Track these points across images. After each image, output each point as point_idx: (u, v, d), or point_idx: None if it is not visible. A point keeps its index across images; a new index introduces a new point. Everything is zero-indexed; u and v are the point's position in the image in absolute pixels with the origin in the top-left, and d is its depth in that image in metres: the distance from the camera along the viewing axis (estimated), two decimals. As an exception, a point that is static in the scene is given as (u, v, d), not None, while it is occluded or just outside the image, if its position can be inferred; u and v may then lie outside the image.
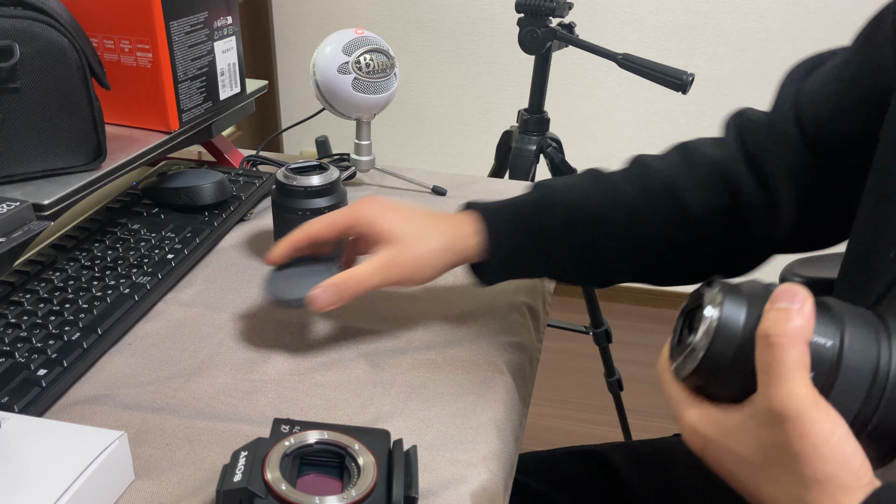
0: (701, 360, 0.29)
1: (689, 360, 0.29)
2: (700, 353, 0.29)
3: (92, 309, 0.48)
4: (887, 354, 0.27)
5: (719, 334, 0.28)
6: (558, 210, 0.48)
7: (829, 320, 0.28)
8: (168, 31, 0.57)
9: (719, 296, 0.29)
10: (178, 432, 0.41)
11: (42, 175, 0.51)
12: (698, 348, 0.29)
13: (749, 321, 0.28)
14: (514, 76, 1.67)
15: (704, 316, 0.29)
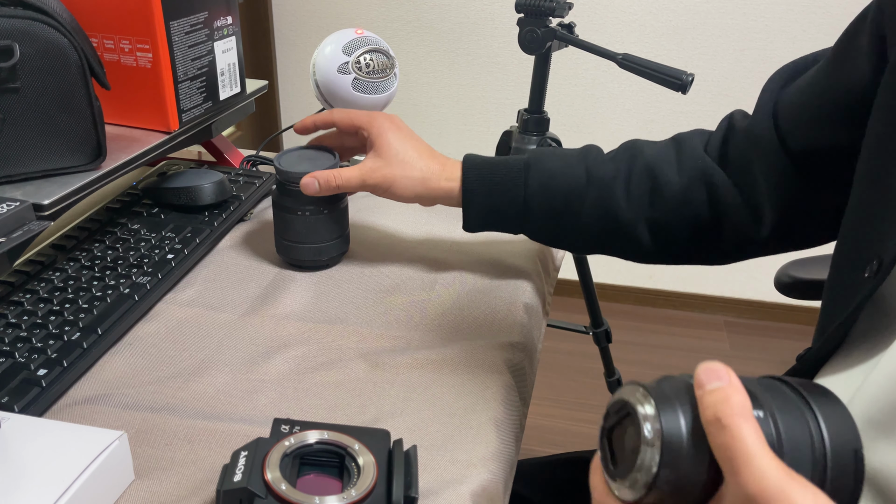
0: (655, 476, 0.26)
1: (638, 481, 0.27)
2: (652, 469, 0.26)
3: (92, 309, 0.48)
4: (815, 422, 0.26)
5: (667, 443, 0.26)
6: (538, 174, 0.51)
7: (749, 393, 0.27)
8: (168, 31, 0.57)
9: (648, 405, 0.27)
10: (178, 432, 0.41)
11: (42, 175, 0.51)
12: (646, 466, 0.26)
13: (690, 418, 0.27)
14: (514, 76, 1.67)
15: (644, 435, 0.27)
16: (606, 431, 0.29)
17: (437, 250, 0.61)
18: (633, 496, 0.27)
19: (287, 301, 0.54)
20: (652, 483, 0.26)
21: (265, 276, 0.57)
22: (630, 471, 0.27)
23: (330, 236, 0.56)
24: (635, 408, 0.27)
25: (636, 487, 0.27)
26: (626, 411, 0.28)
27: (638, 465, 0.27)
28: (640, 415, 0.27)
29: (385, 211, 0.67)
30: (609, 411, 0.29)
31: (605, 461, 0.29)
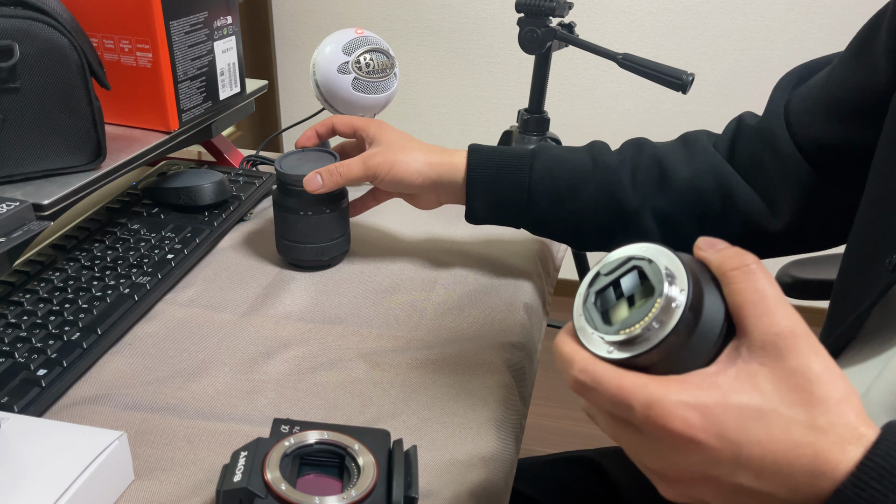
0: (665, 339, 0.25)
1: (639, 341, 0.26)
2: (663, 332, 0.25)
3: (92, 309, 0.48)
4: None
5: (695, 288, 0.26)
6: (543, 159, 0.51)
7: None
8: (168, 30, 0.57)
9: (664, 257, 0.27)
10: (177, 432, 0.41)
11: (42, 175, 0.51)
12: (656, 327, 0.25)
13: (705, 272, 0.27)
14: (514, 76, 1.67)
15: (668, 295, 0.26)
16: (610, 285, 0.28)
17: (437, 250, 0.61)
18: (636, 351, 0.26)
19: (287, 301, 0.54)
20: (659, 345, 0.26)
21: (265, 276, 0.57)
22: (627, 330, 0.26)
23: (331, 236, 0.56)
24: (653, 259, 0.27)
25: (634, 346, 0.26)
26: (632, 266, 0.28)
27: (645, 327, 0.26)
28: (659, 264, 0.27)
29: (385, 211, 0.67)
30: (603, 270, 0.29)
31: (592, 322, 0.28)
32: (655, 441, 0.26)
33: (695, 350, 0.26)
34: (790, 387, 0.25)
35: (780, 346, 0.25)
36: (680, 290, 0.26)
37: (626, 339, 0.26)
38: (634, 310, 0.27)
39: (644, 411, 0.25)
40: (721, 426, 0.25)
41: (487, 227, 0.67)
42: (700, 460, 0.25)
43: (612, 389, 0.26)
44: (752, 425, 0.25)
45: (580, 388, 0.27)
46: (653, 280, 0.27)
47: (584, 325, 0.28)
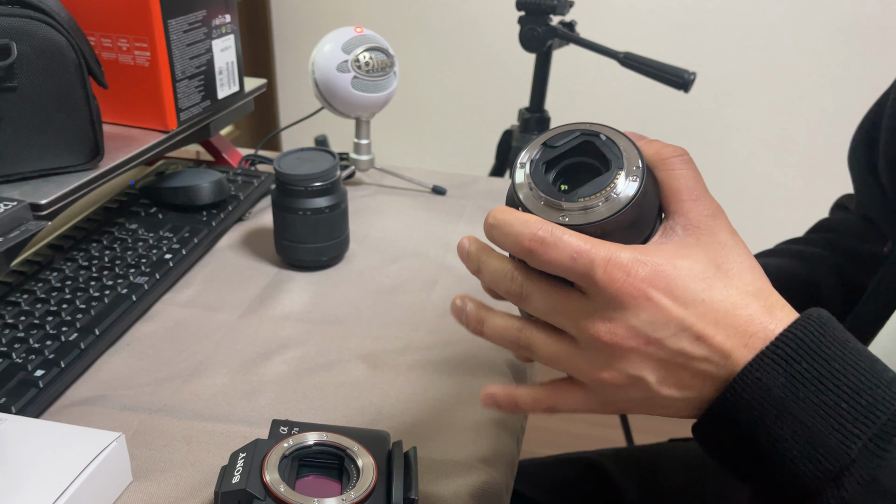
0: (622, 210, 0.27)
1: (597, 211, 0.27)
2: (619, 204, 0.27)
3: (89, 309, 0.48)
4: None
5: (646, 166, 0.28)
6: None
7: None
8: (166, 29, 0.56)
9: (617, 136, 0.28)
10: (176, 433, 0.41)
11: (39, 174, 0.51)
12: (615, 197, 0.27)
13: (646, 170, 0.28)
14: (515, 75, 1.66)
15: (627, 169, 0.27)
16: (548, 162, 0.29)
17: (438, 250, 0.61)
18: (591, 219, 0.27)
19: (286, 302, 0.54)
20: (615, 217, 0.27)
21: (264, 276, 0.57)
22: (595, 193, 0.27)
23: (330, 236, 0.56)
24: (605, 135, 0.28)
25: (601, 211, 0.27)
26: (582, 139, 0.29)
27: (605, 198, 0.27)
28: (612, 139, 0.28)
29: (385, 211, 0.67)
30: (551, 142, 0.29)
31: (542, 190, 0.28)
32: (606, 303, 0.27)
33: (639, 226, 0.28)
34: (724, 257, 0.28)
35: (712, 226, 0.28)
36: (635, 166, 0.28)
37: (584, 207, 0.27)
38: (589, 182, 0.28)
39: (604, 265, 0.26)
40: (670, 283, 0.27)
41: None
42: (648, 319, 0.27)
43: (574, 245, 0.26)
44: (697, 286, 0.27)
45: (538, 245, 0.27)
46: (608, 154, 0.28)
47: (533, 194, 0.28)
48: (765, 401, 0.26)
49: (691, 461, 0.58)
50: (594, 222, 0.27)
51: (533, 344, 0.29)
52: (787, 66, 1.47)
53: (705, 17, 1.53)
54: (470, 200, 0.70)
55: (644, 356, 0.27)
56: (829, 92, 1.47)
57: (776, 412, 0.26)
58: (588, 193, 0.27)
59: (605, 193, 0.27)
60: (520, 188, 0.29)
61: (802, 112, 1.50)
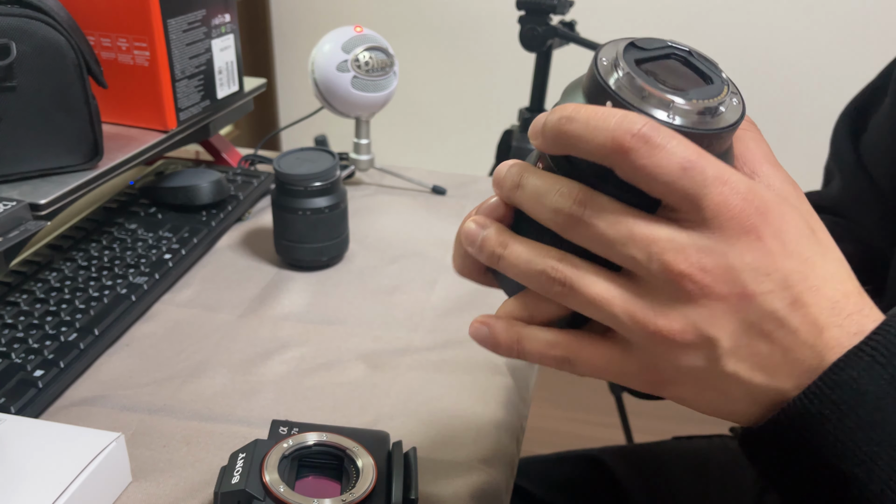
0: (733, 124, 0.23)
1: (712, 117, 0.22)
2: (733, 115, 0.23)
3: (89, 309, 0.48)
4: None
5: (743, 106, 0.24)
6: None
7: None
8: (165, 29, 0.56)
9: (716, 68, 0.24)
10: (175, 434, 0.41)
11: (38, 174, 0.51)
12: (734, 105, 0.23)
13: None
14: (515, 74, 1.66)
15: (730, 83, 0.24)
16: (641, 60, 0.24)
17: (438, 250, 0.61)
18: (703, 126, 0.22)
19: (286, 302, 0.53)
20: (740, 118, 0.23)
21: (264, 276, 0.57)
22: (712, 97, 0.23)
23: (330, 236, 0.56)
24: (694, 52, 0.24)
25: (716, 118, 0.22)
26: (671, 52, 0.24)
27: (726, 97, 0.23)
28: (704, 58, 0.24)
29: (385, 211, 0.67)
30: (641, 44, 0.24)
31: (644, 81, 0.23)
32: (709, 232, 0.21)
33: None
34: (815, 224, 0.23)
35: (797, 192, 0.24)
36: (735, 88, 0.24)
37: (699, 111, 0.22)
38: (695, 89, 0.23)
39: (719, 185, 0.21)
40: (782, 228, 0.22)
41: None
42: (753, 263, 0.21)
43: (687, 152, 0.21)
44: (804, 241, 0.22)
45: (641, 144, 0.21)
46: (707, 71, 0.24)
47: (629, 83, 0.22)
48: (859, 407, 0.21)
49: (696, 459, 0.58)
50: (711, 130, 0.22)
51: (572, 277, 0.23)
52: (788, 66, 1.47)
53: (705, 16, 1.53)
54: (470, 200, 0.70)
55: (730, 310, 0.21)
56: (831, 91, 1.47)
57: (870, 423, 0.21)
58: (704, 96, 0.23)
59: (719, 99, 0.23)
60: (607, 74, 0.23)
61: (804, 111, 1.50)
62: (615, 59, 0.23)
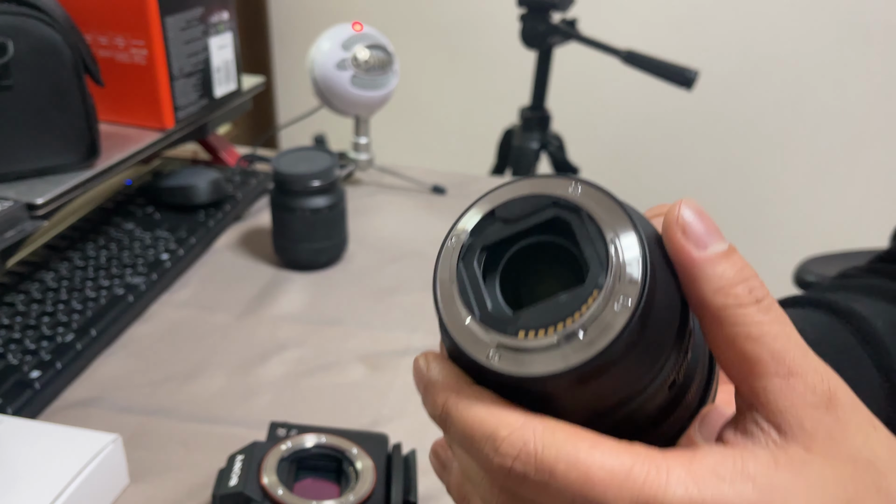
0: (609, 346, 0.15)
1: (537, 354, 0.16)
2: (608, 336, 0.15)
3: (86, 310, 0.47)
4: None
5: (654, 271, 0.16)
6: None
7: None
8: (163, 27, 0.56)
9: (610, 212, 0.16)
10: (173, 435, 0.41)
11: (35, 173, 0.50)
12: (601, 327, 0.15)
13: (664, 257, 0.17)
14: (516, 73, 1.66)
15: (587, 308, 0.16)
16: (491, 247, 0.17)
17: (437, 250, 0.61)
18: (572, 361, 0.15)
19: (284, 302, 0.53)
20: (599, 356, 0.15)
21: (262, 276, 0.56)
22: (555, 321, 0.16)
23: (329, 236, 0.56)
24: (591, 212, 0.17)
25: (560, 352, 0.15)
26: (553, 214, 0.17)
27: (581, 326, 0.16)
28: (600, 221, 0.16)
29: (385, 211, 0.67)
30: (502, 212, 0.18)
31: (476, 297, 0.17)
32: None
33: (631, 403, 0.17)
34: (858, 483, 0.16)
35: (828, 425, 0.16)
36: (629, 278, 0.16)
37: (519, 348, 0.16)
38: (543, 302, 0.17)
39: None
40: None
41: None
42: None
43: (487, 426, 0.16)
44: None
45: (440, 422, 0.17)
46: (586, 249, 0.17)
47: (455, 300, 0.17)
48: None
49: None
50: (536, 376, 0.16)
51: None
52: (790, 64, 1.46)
53: (708, 14, 1.52)
54: (470, 200, 0.69)
55: None
56: (833, 90, 1.46)
57: None
58: (536, 323, 0.16)
59: (565, 329, 0.16)
60: (441, 283, 0.18)
61: (806, 110, 1.50)
62: (459, 247, 0.18)
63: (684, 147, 1.60)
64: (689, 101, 1.61)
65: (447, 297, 0.18)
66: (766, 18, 1.50)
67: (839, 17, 1.47)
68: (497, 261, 0.18)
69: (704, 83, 1.56)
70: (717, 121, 1.57)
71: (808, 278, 0.78)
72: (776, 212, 1.57)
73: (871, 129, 1.49)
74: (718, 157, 1.58)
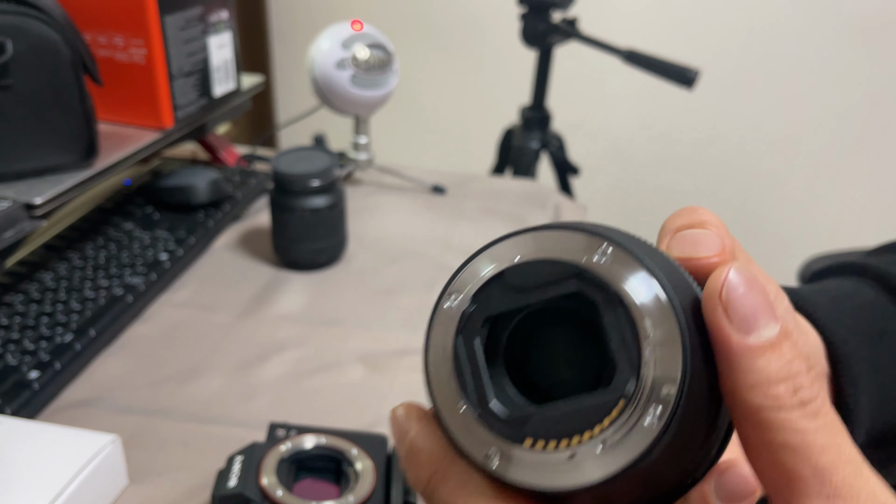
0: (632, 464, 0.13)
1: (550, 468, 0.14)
2: (631, 453, 0.13)
3: (85, 310, 0.47)
4: None
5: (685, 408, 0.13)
6: None
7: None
8: (162, 26, 0.56)
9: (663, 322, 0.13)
10: (172, 436, 0.40)
11: (34, 173, 0.50)
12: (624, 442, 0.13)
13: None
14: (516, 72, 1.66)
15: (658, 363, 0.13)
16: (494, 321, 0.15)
17: (437, 250, 0.60)
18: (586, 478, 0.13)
19: (284, 302, 0.53)
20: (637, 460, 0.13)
21: (261, 276, 0.56)
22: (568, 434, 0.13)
23: (328, 236, 0.56)
24: (623, 296, 0.14)
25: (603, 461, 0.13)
26: (575, 288, 0.14)
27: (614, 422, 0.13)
28: (636, 307, 0.14)
29: (384, 211, 0.67)
30: (514, 279, 0.15)
31: (476, 387, 0.15)
32: None
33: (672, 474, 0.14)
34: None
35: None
36: (665, 384, 0.13)
37: (532, 464, 0.14)
38: (555, 403, 0.14)
39: None
40: None
41: (488, 226, 0.67)
42: None
43: None
44: None
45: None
46: (613, 340, 0.14)
47: (450, 387, 0.15)
48: None
49: None
50: (541, 490, 0.14)
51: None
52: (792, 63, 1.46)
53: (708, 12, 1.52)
54: (470, 199, 0.69)
55: None
56: (835, 89, 1.46)
57: None
58: (547, 433, 0.14)
59: (581, 444, 0.13)
60: (434, 356, 0.16)
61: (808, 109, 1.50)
62: (459, 316, 0.15)
63: (685, 146, 1.59)
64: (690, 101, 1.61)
65: (440, 375, 0.15)
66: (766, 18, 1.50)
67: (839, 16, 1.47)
68: (503, 327, 0.15)
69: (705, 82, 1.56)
70: (718, 120, 1.57)
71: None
72: (776, 211, 1.57)
73: (872, 129, 1.49)
74: (719, 157, 1.58)
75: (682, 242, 0.16)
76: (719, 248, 0.16)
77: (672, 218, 0.17)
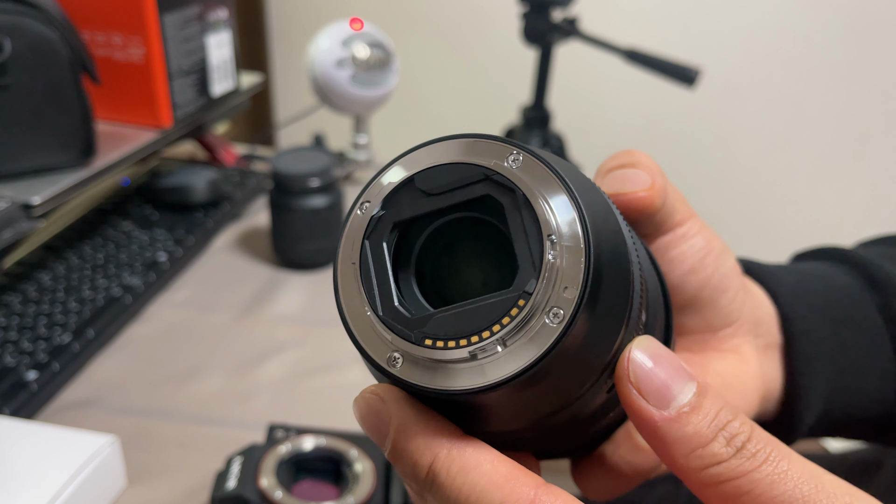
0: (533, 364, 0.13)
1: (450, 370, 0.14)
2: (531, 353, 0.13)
3: (83, 311, 0.47)
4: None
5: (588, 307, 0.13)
6: None
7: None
8: (161, 25, 0.56)
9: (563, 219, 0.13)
10: (170, 437, 0.40)
11: (31, 173, 0.50)
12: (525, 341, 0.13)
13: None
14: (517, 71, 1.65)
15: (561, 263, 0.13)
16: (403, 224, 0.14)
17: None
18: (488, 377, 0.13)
19: (283, 302, 0.53)
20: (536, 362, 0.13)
21: (260, 276, 0.56)
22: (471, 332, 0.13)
23: (328, 236, 0.55)
24: (525, 191, 0.14)
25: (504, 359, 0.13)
26: (482, 192, 0.14)
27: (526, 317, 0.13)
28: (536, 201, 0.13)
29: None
30: (422, 183, 0.15)
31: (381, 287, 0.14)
32: None
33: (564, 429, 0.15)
34: None
35: None
36: (566, 285, 0.13)
37: (429, 361, 0.14)
38: (457, 310, 0.14)
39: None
40: None
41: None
42: None
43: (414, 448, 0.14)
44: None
45: (421, 484, 0.15)
46: (518, 242, 0.14)
47: (358, 294, 0.15)
48: None
49: None
50: (443, 390, 0.14)
51: None
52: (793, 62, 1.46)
53: (710, 12, 1.52)
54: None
55: None
56: (836, 89, 1.46)
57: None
58: (446, 332, 0.14)
59: (481, 341, 0.13)
60: (343, 262, 0.15)
61: (809, 109, 1.49)
62: (369, 219, 0.15)
63: (685, 145, 1.59)
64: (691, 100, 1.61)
65: (348, 281, 0.15)
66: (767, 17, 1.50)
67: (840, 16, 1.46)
68: (415, 235, 0.15)
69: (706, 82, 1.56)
70: (719, 119, 1.57)
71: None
72: (776, 211, 1.57)
73: (872, 129, 1.49)
74: (719, 156, 1.58)
75: (612, 180, 0.17)
76: (648, 184, 0.17)
77: (607, 160, 0.18)
